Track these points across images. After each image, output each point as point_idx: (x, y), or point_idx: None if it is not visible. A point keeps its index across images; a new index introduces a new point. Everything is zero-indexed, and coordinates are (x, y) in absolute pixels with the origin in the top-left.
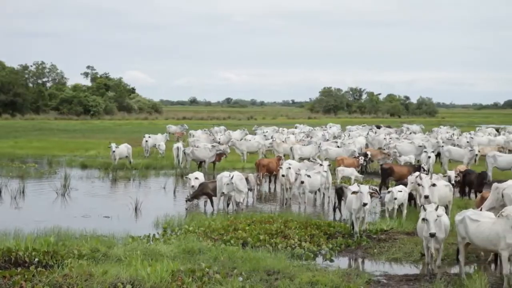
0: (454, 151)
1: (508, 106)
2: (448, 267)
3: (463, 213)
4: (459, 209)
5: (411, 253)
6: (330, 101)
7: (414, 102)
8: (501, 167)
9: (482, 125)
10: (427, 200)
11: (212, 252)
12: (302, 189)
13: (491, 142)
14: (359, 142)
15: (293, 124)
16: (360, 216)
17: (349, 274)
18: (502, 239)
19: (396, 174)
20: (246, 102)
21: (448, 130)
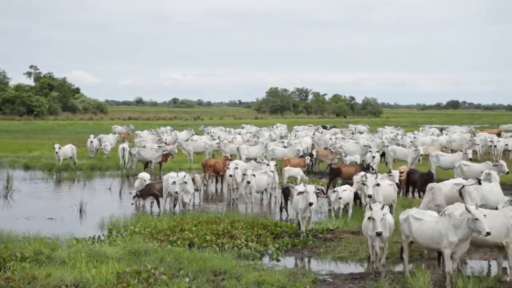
0: (398, 151)
1: (451, 107)
2: (393, 266)
3: (407, 212)
4: (403, 208)
5: (356, 252)
6: (277, 102)
7: (359, 103)
8: (444, 166)
9: (426, 125)
10: (371, 200)
11: (158, 253)
12: (248, 189)
13: (434, 142)
14: (305, 142)
15: (240, 124)
16: (306, 215)
17: (295, 274)
18: (445, 237)
19: (344, 174)
20: (193, 102)
21: (392, 130)
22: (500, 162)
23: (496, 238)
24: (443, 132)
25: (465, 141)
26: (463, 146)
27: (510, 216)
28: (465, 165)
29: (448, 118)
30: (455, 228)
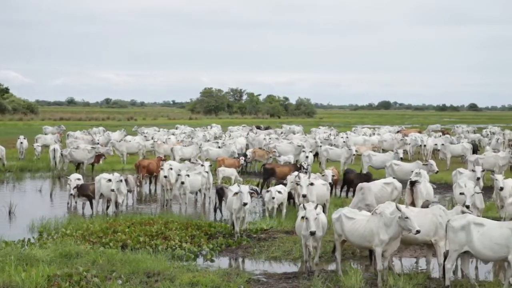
0: (331, 151)
1: (382, 107)
2: (326, 264)
3: (339, 211)
4: (336, 207)
5: (290, 251)
6: (211, 102)
7: (293, 103)
8: (376, 166)
9: (358, 125)
10: (305, 199)
11: (90, 255)
12: (183, 190)
13: (366, 142)
14: (239, 142)
15: (174, 125)
16: (241, 216)
17: (229, 274)
18: (376, 236)
19: (278, 174)
20: (126, 103)
21: (326, 130)
22: (430, 161)
23: (425, 236)
24: (375, 132)
25: (396, 141)
26: (394, 145)
27: (439, 215)
28: (396, 165)
29: (379, 118)
30: (386, 226)
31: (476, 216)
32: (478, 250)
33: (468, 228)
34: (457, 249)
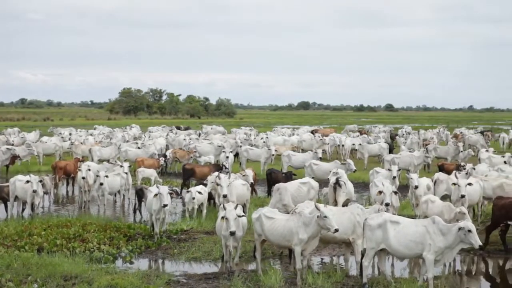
0: (251, 151)
1: (302, 107)
2: (246, 264)
3: (259, 211)
4: (256, 207)
5: (210, 252)
6: (130, 102)
7: (213, 103)
8: (295, 165)
9: (278, 125)
10: (225, 199)
11: (4, 259)
12: (101, 191)
13: (286, 142)
14: (159, 143)
15: (92, 125)
16: (161, 217)
17: (149, 276)
18: (295, 235)
19: (198, 174)
20: (42, 103)
21: (246, 131)
22: (348, 161)
23: (343, 235)
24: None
25: (315, 141)
26: (313, 145)
27: (357, 213)
28: (315, 164)
29: (299, 118)
30: (305, 225)
31: (392, 214)
32: (394, 248)
33: (385, 226)
34: (374, 247)
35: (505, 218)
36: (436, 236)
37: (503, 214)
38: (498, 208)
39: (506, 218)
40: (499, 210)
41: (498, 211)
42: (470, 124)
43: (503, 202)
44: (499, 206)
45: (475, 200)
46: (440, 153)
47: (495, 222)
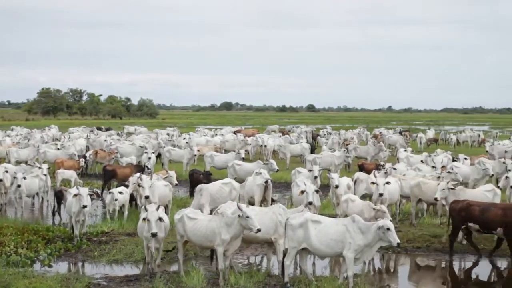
0: (174, 152)
1: (224, 108)
2: (168, 266)
3: (181, 212)
4: (179, 208)
5: (132, 253)
6: (49, 102)
7: (135, 104)
8: (218, 166)
9: (200, 126)
10: (147, 201)
11: None
12: (19, 193)
13: (209, 143)
14: (79, 144)
15: (9, 126)
16: (80, 219)
17: (68, 279)
18: (218, 235)
19: (120, 175)
20: None
21: (169, 132)
22: (270, 161)
23: (265, 234)
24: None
25: (237, 141)
26: (236, 146)
27: (279, 213)
28: (237, 165)
29: (221, 119)
30: (227, 226)
31: (313, 213)
32: (316, 247)
33: (306, 226)
34: (295, 246)
35: (465, 221)
36: (356, 234)
37: (463, 217)
38: (456, 212)
39: (466, 220)
40: (458, 214)
41: (457, 215)
42: (389, 125)
43: (461, 206)
44: (457, 210)
45: (394, 198)
46: (360, 153)
47: (457, 227)
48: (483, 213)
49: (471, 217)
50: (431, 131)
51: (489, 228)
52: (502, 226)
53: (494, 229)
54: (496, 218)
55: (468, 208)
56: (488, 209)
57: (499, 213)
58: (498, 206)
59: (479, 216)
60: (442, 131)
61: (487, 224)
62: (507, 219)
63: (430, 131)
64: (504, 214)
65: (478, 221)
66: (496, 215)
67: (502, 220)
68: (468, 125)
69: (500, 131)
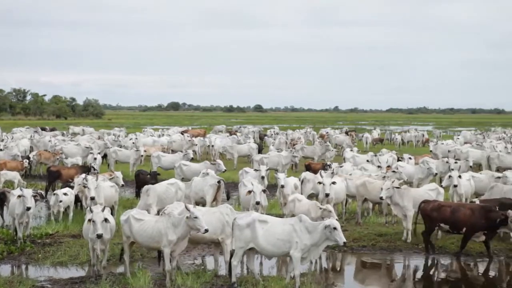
0: (120, 153)
1: (171, 108)
2: (114, 267)
3: (127, 213)
4: (125, 209)
5: (77, 255)
6: None
7: (80, 104)
8: (165, 166)
9: (147, 126)
10: (92, 202)
11: None
12: None
13: (156, 143)
14: (23, 144)
15: None
16: (24, 220)
17: (11, 282)
18: (164, 236)
19: (64, 176)
20: None
21: (115, 132)
22: (218, 161)
23: (212, 235)
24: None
25: (184, 141)
26: (183, 146)
27: (226, 213)
28: (184, 165)
29: (168, 119)
30: (174, 226)
31: (260, 213)
32: (263, 247)
33: (253, 226)
34: (242, 246)
35: (437, 221)
36: (302, 234)
37: (435, 217)
38: (428, 213)
39: (438, 221)
40: (429, 215)
41: (428, 215)
42: (335, 125)
43: (432, 206)
44: (428, 211)
45: (340, 198)
46: (307, 152)
47: (429, 227)
48: (454, 213)
49: (442, 218)
50: (377, 131)
51: (458, 228)
52: (467, 225)
53: (461, 229)
54: (464, 218)
55: (439, 209)
56: (458, 210)
57: (467, 213)
58: (466, 207)
59: (450, 217)
60: (387, 131)
61: (456, 224)
62: (473, 220)
63: (376, 131)
64: (472, 215)
65: (449, 222)
66: (464, 215)
67: (468, 220)
68: (413, 125)
69: (443, 131)
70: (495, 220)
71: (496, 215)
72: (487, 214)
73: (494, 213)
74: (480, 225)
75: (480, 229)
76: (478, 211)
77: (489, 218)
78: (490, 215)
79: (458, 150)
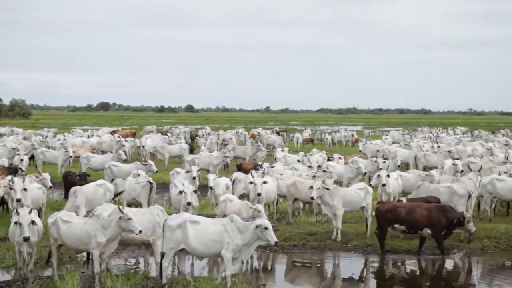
0: (48, 153)
1: (101, 108)
2: (41, 270)
3: (55, 215)
4: (53, 211)
5: (2, 259)
6: None
7: (6, 104)
8: (94, 167)
9: (76, 126)
10: (19, 204)
11: None
12: None
13: (85, 144)
14: None
15: None
16: None
17: None
18: (93, 238)
19: None
20: None
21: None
22: (149, 162)
23: (143, 236)
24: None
25: (114, 142)
26: (113, 147)
27: (157, 214)
28: (114, 166)
29: (98, 119)
30: (104, 228)
31: (191, 214)
32: (194, 247)
33: (184, 226)
34: (173, 247)
35: (391, 222)
36: (234, 234)
37: (389, 218)
38: (382, 214)
39: (392, 222)
40: (384, 216)
41: (383, 216)
42: (267, 125)
43: (387, 207)
44: (383, 212)
45: (271, 198)
46: (239, 153)
47: (383, 228)
48: (410, 214)
49: (397, 219)
50: (307, 131)
51: (416, 229)
52: (429, 226)
53: (420, 230)
54: (422, 219)
55: (394, 210)
56: (414, 211)
57: (425, 214)
58: (423, 207)
59: (405, 218)
60: (318, 131)
61: (414, 225)
62: (433, 220)
63: (306, 131)
64: (429, 215)
65: (405, 223)
66: (422, 216)
67: (428, 221)
68: (343, 125)
69: (372, 131)
70: (453, 220)
71: (454, 215)
72: (445, 215)
73: (451, 214)
74: (442, 225)
75: (443, 229)
76: (436, 212)
77: (448, 218)
78: (448, 215)
79: (386, 150)
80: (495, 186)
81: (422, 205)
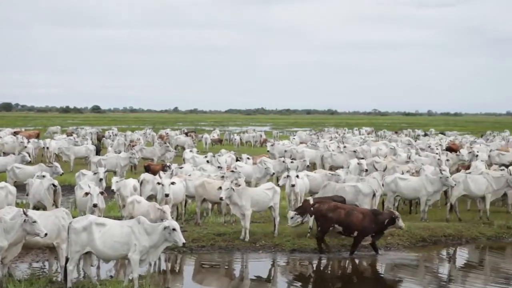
0: None
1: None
2: None
3: None
4: None
5: None
6: None
7: None
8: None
9: None
10: None
11: None
12: None
13: None
14: None
15: None
16: None
17: None
18: None
19: None
20: None
21: None
22: (54, 163)
23: (47, 239)
24: None
25: (17, 143)
26: (16, 148)
27: (62, 217)
28: (17, 168)
29: (0, 120)
30: (6, 232)
31: (97, 216)
32: (100, 250)
33: (90, 229)
34: (79, 250)
35: (332, 222)
36: (141, 236)
37: (330, 218)
38: (323, 213)
39: (333, 222)
40: (324, 216)
41: (324, 216)
42: (175, 125)
43: (328, 207)
44: (323, 211)
45: (179, 198)
46: (147, 154)
47: (324, 227)
48: (348, 216)
49: (338, 219)
50: (216, 131)
51: (350, 231)
52: (359, 229)
53: (352, 233)
54: (357, 222)
55: (335, 210)
56: (352, 213)
57: (359, 217)
58: (358, 211)
59: (344, 219)
60: (227, 131)
61: (350, 228)
62: (365, 224)
63: (215, 132)
64: (363, 219)
65: (343, 224)
66: (357, 219)
67: (360, 224)
68: (251, 126)
69: (280, 132)
70: (384, 222)
71: (384, 217)
72: (376, 218)
73: (382, 216)
74: (371, 229)
75: (370, 233)
76: (369, 216)
77: (378, 222)
78: (379, 218)
79: (294, 150)
80: (397, 184)
81: (358, 208)
